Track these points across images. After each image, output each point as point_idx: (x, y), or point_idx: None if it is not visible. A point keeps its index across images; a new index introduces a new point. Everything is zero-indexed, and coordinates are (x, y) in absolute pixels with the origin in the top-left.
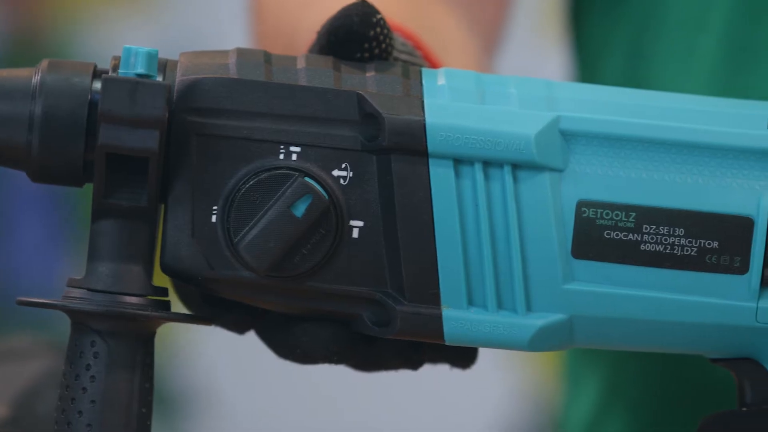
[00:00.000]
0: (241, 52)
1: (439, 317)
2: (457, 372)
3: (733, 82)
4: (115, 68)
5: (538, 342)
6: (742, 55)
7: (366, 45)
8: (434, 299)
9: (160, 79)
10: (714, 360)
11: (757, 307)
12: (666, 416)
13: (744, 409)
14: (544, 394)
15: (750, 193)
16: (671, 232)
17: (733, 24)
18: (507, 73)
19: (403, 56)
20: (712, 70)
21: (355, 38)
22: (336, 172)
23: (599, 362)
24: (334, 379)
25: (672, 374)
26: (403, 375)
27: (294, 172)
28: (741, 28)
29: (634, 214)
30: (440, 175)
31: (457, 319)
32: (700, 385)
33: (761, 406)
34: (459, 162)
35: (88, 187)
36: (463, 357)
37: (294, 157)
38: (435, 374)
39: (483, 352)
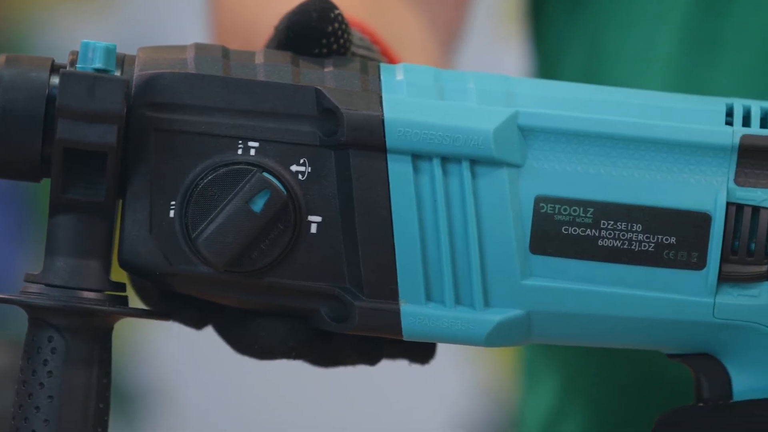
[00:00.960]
0: (199, 48)
1: (397, 313)
2: (415, 367)
3: (691, 77)
4: (73, 63)
5: (496, 337)
6: (701, 50)
7: (324, 41)
8: (392, 294)
9: (118, 74)
10: (671, 355)
11: (714, 303)
12: (623, 412)
13: (701, 404)
14: (502, 390)
15: (707, 189)
16: (629, 228)
17: (692, 19)
18: (466, 69)
19: (361, 51)
20: (670, 65)
21: (314, 34)
22: (294, 168)
23: (557, 358)
24: (291, 374)
25: (629, 370)
26: (362, 370)
27: (252, 168)
28: (699, 23)
29: (592, 209)
30: (399, 171)
31: (415, 315)
32: (657, 381)
33: (718, 402)
34: (417, 157)
35: (46, 182)
36: (421, 352)
37: (252, 152)
38: (393, 370)
39: (441, 348)
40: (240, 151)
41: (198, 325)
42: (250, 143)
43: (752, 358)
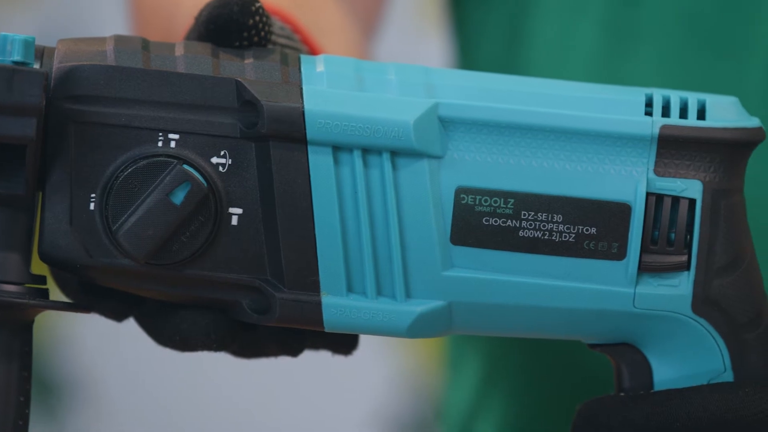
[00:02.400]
0: (118, 39)
1: (319, 304)
2: (338, 358)
3: (611, 67)
4: None
5: (418, 329)
6: (620, 40)
7: (245, 33)
8: (314, 286)
9: (37, 66)
10: (592, 345)
11: (634, 293)
12: (545, 401)
13: (621, 394)
14: (425, 380)
15: (627, 180)
16: (549, 219)
17: (611, 9)
18: (386, 58)
19: (282, 40)
20: (590, 55)
21: (235, 27)
22: (215, 160)
23: (479, 349)
24: (213, 365)
25: (550, 360)
26: (283, 362)
27: (172, 160)
28: (619, 13)
29: (512, 200)
30: (319, 163)
31: (336, 306)
32: (578, 371)
33: (638, 391)
34: (338, 149)
35: None
36: (344, 343)
37: (172, 144)
38: (314, 361)
39: (364, 339)
40: (160, 144)
41: (119, 317)
42: (171, 135)
43: (672, 348)
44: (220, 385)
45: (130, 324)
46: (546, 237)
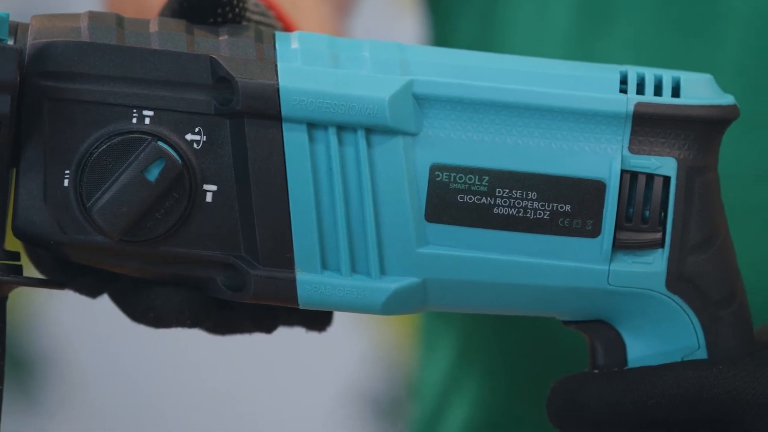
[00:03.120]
0: (93, 16)
1: (293, 281)
2: (311, 335)
3: (586, 46)
4: None
5: (392, 306)
6: (595, 19)
7: (220, 10)
8: (288, 263)
9: (11, 42)
10: (566, 322)
11: (608, 270)
12: (519, 378)
13: (596, 371)
14: (399, 357)
15: (602, 157)
16: (524, 196)
17: None
18: (361, 35)
19: (256, 17)
20: (564, 34)
21: (209, 3)
22: (189, 136)
23: (454, 326)
24: (187, 341)
25: (525, 337)
26: (258, 338)
27: (147, 137)
28: None
29: (487, 177)
30: (294, 140)
31: (310, 283)
32: (552, 348)
33: (612, 368)
34: (313, 126)
35: None
36: (318, 320)
37: (147, 121)
38: (288, 337)
39: (338, 316)
40: (135, 120)
41: (94, 293)
42: (145, 112)
43: (647, 325)
44: (194, 361)
45: (104, 300)
46: (520, 214)
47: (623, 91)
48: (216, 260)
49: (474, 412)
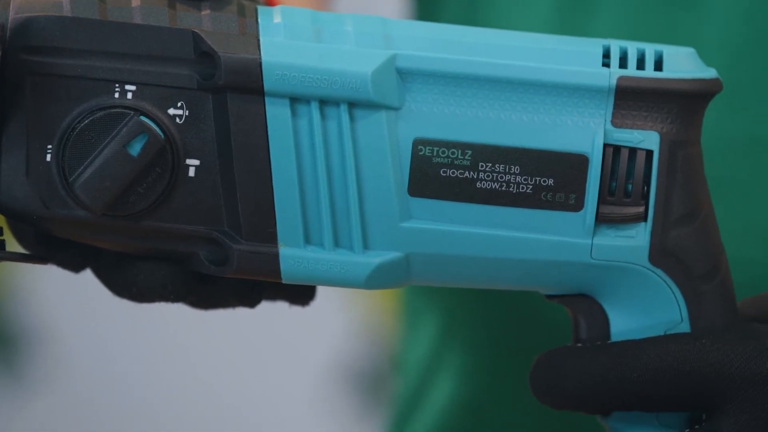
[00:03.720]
0: None
1: (276, 256)
2: (294, 310)
3: (570, 21)
4: None
5: (375, 280)
6: None
7: None
8: (271, 238)
9: None
10: (550, 296)
11: (591, 244)
12: (502, 352)
13: (579, 345)
14: (383, 331)
15: (585, 131)
16: (507, 170)
17: None
18: (344, 9)
19: None
20: (549, 8)
21: None
22: (172, 111)
23: (437, 300)
24: (170, 316)
25: (508, 311)
26: (241, 313)
27: (129, 111)
28: None
29: (470, 152)
30: (276, 114)
31: (294, 258)
32: (535, 322)
33: (595, 342)
34: (295, 101)
35: None
36: (301, 294)
37: (129, 95)
38: (271, 312)
39: (322, 290)
40: (117, 95)
41: (76, 268)
42: (127, 87)
43: (630, 299)
44: (177, 336)
45: (88, 275)
46: (503, 188)
47: (606, 65)
48: (199, 235)
49: (457, 387)
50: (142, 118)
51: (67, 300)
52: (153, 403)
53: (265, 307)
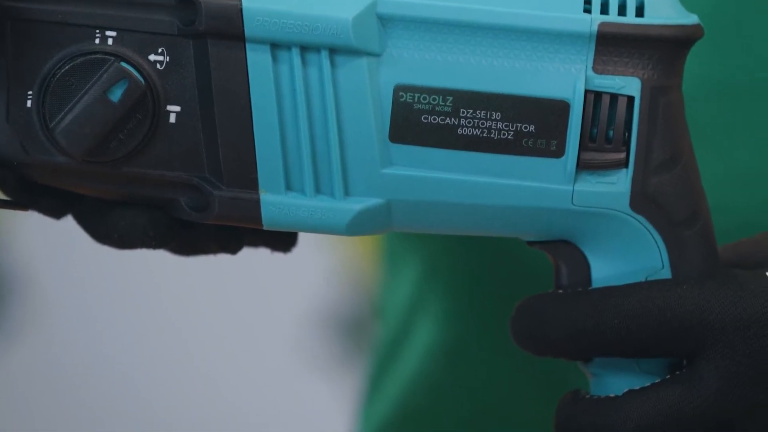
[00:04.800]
0: None
1: (257, 202)
2: (276, 256)
3: None
4: None
5: (356, 226)
6: None
7: None
8: (252, 184)
9: None
10: (531, 243)
11: (572, 190)
12: (483, 299)
13: (560, 291)
14: (363, 277)
15: (566, 77)
16: (488, 116)
17: None
18: None
19: None
20: None
21: None
22: (152, 57)
23: (418, 246)
24: (151, 261)
25: (489, 258)
26: (221, 259)
27: (110, 57)
28: None
29: (451, 98)
30: (257, 60)
31: (275, 204)
32: (517, 269)
33: (576, 288)
34: (276, 47)
35: None
36: (283, 241)
37: (110, 41)
38: (253, 258)
39: (303, 237)
40: (97, 41)
41: (57, 214)
42: (108, 32)
43: (611, 245)
44: (156, 281)
45: (69, 222)
46: (485, 135)
47: (587, 11)
48: (180, 181)
49: (438, 332)
50: (123, 63)
51: (48, 246)
52: (132, 348)
53: (246, 253)
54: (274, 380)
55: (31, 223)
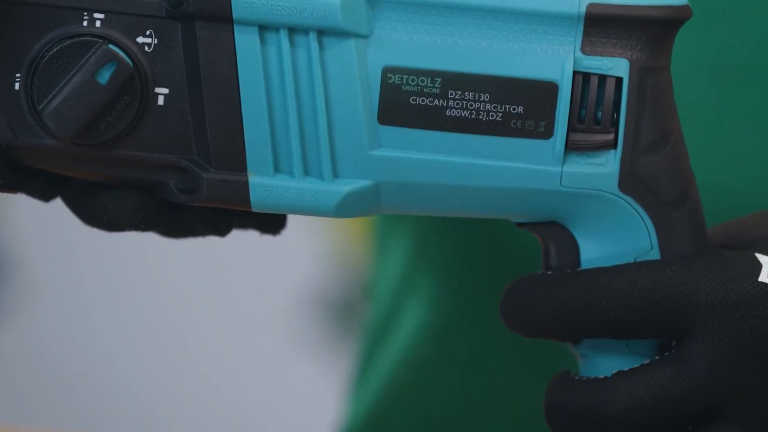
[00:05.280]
0: None
1: (246, 184)
2: (265, 238)
3: None
4: None
5: (345, 208)
6: None
7: None
8: (240, 166)
9: None
10: (520, 224)
11: (561, 172)
12: (472, 280)
13: (549, 272)
14: (353, 258)
15: (554, 58)
16: (476, 98)
17: None
18: None
19: None
20: None
21: None
22: (140, 39)
23: (408, 227)
24: (143, 246)
25: (478, 239)
26: (210, 242)
27: (98, 39)
28: None
29: (439, 79)
30: (245, 43)
31: (263, 186)
32: (505, 250)
33: (565, 270)
34: (264, 29)
35: None
36: (272, 223)
37: (98, 24)
38: (242, 240)
39: (292, 219)
40: (85, 23)
41: (46, 197)
42: (96, 15)
43: (599, 227)
44: (146, 264)
45: (58, 204)
46: (473, 116)
47: None
48: (168, 163)
49: (428, 313)
50: (111, 46)
51: (37, 229)
52: (122, 328)
53: (236, 236)
54: (264, 362)
55: (21, 207)
